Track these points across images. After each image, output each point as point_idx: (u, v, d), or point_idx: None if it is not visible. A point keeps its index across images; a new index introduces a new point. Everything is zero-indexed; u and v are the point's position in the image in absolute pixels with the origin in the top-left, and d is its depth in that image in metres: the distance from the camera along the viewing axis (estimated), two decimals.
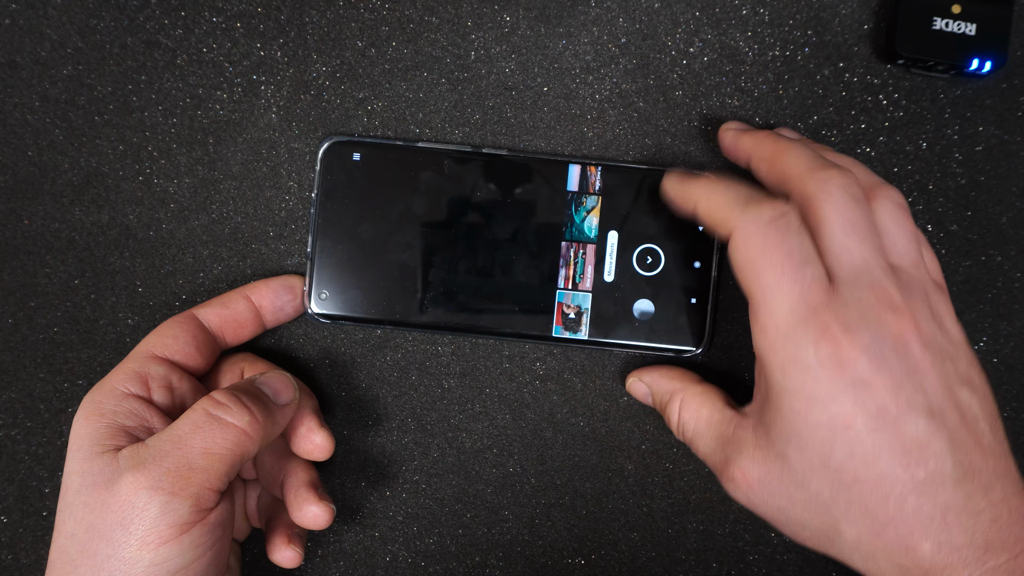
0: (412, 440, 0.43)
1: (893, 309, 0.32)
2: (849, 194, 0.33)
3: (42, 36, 0.41)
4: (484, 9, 0.42)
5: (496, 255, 0.41)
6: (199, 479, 0.33)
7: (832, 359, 0.31)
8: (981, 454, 0.32)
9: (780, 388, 0.32)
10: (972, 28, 0.40)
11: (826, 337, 0.31)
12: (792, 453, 0.32)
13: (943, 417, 0.31)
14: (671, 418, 0.39)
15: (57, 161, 0.42)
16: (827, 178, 0.33)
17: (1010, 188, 0.42)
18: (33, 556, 0.43)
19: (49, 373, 0.42)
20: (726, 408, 0.37)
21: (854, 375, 0.31)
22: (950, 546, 0.30)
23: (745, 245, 0.33)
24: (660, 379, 0.40)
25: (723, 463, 0.35)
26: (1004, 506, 0.31)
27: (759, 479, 0.33)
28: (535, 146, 0.42)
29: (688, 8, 0.41)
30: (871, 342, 0.31)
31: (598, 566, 0.43)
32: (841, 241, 0.33)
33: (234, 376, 0.39)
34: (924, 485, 0.31)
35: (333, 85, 0.42)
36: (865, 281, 0.32)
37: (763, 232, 0.33)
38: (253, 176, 0.42)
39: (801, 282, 0.32)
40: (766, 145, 0.37)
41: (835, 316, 0.32)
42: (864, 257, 0.33)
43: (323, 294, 0.41)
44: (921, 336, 0.32)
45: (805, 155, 0.35)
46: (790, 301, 0.32)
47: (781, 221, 0.33)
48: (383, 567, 0.43)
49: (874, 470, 0.31)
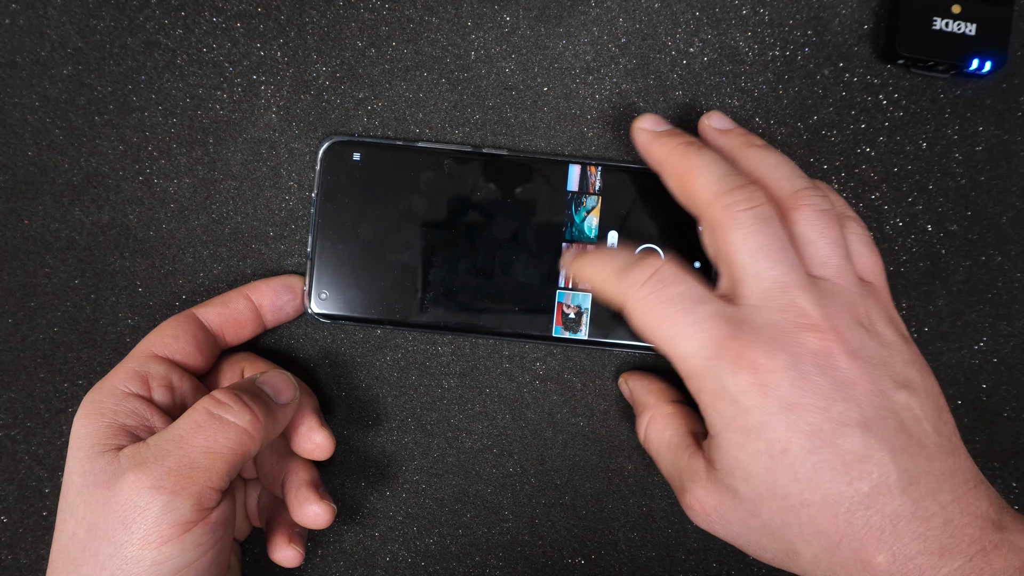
0: (412, 440, 0.43)
1: (811, 327, 0.32)
2: (755, 217, 0.33)
3: (42, 36, 0.41)
4: (484, 9, 0.42)
5: (496, 255, 0.41)
6: (201, 478, 0.33)
7: (755, 386, 0.31)
8: (926, 457, 0.31)
9: (716, 424, 0.33)
10: (972, 28, 0.40)
11: (741, 365, 0.32)
12: (739, 485, 0.33)
13: (880, 426, 0.31)
14: (639, 431, 0.40)
15: (57, 161, 0.42)
16: (733, 204, 0.33)
17: (1010, 188, 0.42)
18: (33, 556, 0.43)
19: (49, 373, 0.42)
20: (686, 435, 0.37)
21: (780, 398, 0.31)
22: (904, 556, 0.30)
23: (635, 312, 0.34)
24: (640, 390, 0.40)
25: (680, 489, 0.36)
26: (955, 507, 0.31)
27: (714, 508, 0.34)
28: (535, 146, 0.42)
29: (688, 8, 0.41)
30: (790, 363, 0.31)
31: (598, 566, 0.43)
32: (750, 268, 0.33)
33: (234, 375, 0.39)
34: (870, 498, 0.31)
35: (333, 85, 0.42)
36: (777, 304, 0.32)
37: (644, 293, 0.33)
38: (253, 176, 0.42)
39: (697, 322, 0.32)
40: (675, 159, 0.36)
41: (747, 344, 0.32)
42: (775, 279, 0.33)
43: (323, 294, 0.41)
44: (846, 347, 0.32)
45: (713, 176, 0.34)
46: (695, 342, 0.32)
47: (655, 278, 0.33)
48: (383, 567, 0.43)
49: (819, 491, 0.31)
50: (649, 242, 0.41)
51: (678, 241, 0.41)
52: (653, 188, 0.41)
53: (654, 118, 0.38)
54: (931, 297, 0.42)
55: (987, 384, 0.43)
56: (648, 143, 0.37)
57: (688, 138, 0.37)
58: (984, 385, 0.43)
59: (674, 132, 0.37)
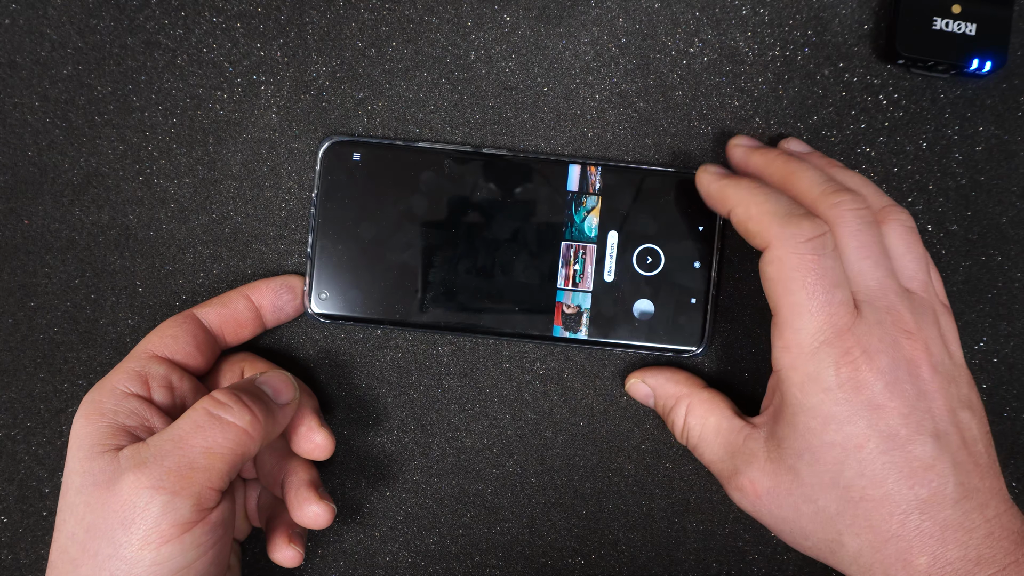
0: (412, 440, 0.43)
1: (907, 333, 0.33)
2: (861, 218, 0.34)
3: (42, 36, 0.41)
4: (484, 9, 0.42)
5: (496, 255, 0.41)
6: (200, 478, 0.33)
7: (851, 381, 0.32)
8: (979, 474, 0.33)
9: (797, 405, 0.33)
10: (972, 28, 0.40)
11: (847, 360, 0.32)
12: (804, 468, 0.33)
13: (947, 439, 0.33)
14: (675, 422, 0.39)
15: (57, 161, 0.42)
16: (840, 203, 0.34)
17: (1010, 188, 0.42)
18: (33, 556, 0.43)
19: (49, 373, 0.42)
20: (735, 417, 0.37)
21: (869, 398, 0.32)
22: (944, 560, 0.32)
23: (781, 261, 0.33)
24: (666, 383, 0.40)
25: (731, 472, 0.36)
26: (997, 522, 0.32)
27: (768, 490, 0.34)
28: (535, 146, 0.42)
29: (688, 8, 0.41)
30: (888, 366, 0.32)
31: (598, 566, 0.43)
32: (857, 265, 0.34)
33: (234, 376, 0.39)
34: (927, 504, 0.32)
35: (333, 85, 0.42)
36: (882, 305, 0.33)
37: (800, 251, 0.33)
38: (253, 176, 0.42)
39: (831, 304, 0.33)
40: (777, 165, 0.37)
41: (857, 339, 0.33)
42: (879, 280, 0.34)
43: (323, 294, 0.41)
44: (931, 360, 0.33)
45: (817, 178, 0.35)
46: (818, 322, 0.33)
47: (818, 241, 0.33)
48: (383, 567, 0.43)
49: (881, 489, 0.32)
50: (649, 242, 0.41)
51: (678, 241, 0.41)
52: (653, 188, 0.41)
53: (748, 137, 0.40)
54: None
55: (987, 384, 0.43)
56: (746, 154, 0.39)
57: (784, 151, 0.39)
58: (984, 385, 0.43)
59: (770, 147, 0.39)
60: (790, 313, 0.33)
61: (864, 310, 0.33)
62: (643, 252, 0.41)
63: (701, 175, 0.38)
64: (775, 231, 0.34)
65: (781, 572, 0.43)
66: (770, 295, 0.34)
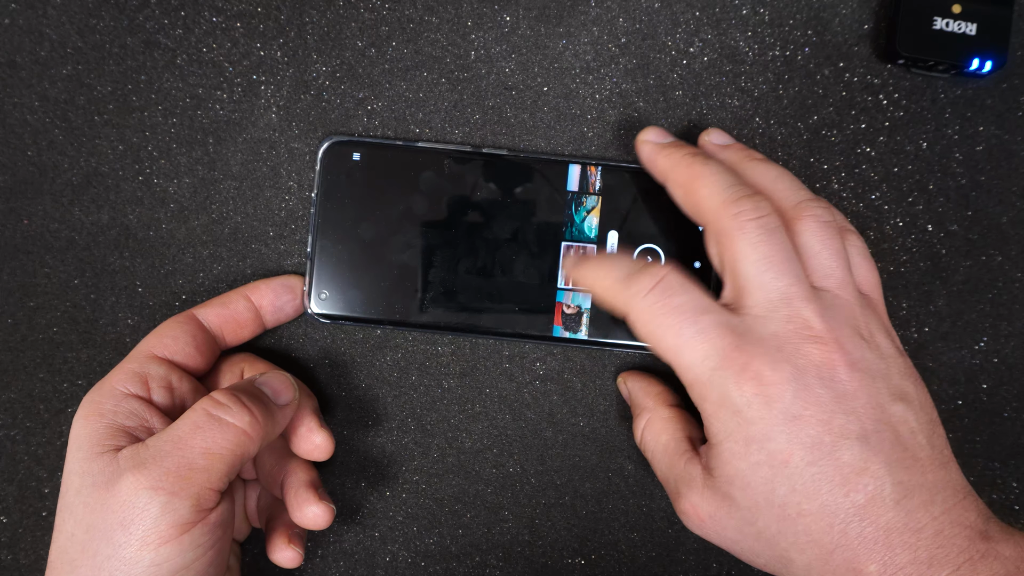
0: (412, 440, 0.43)
1: (814, 338, 0.32)
2: (762, 227, 0.33)
3: (42, 36, 0.41)
4: (484, 9, 0.41)
5: (496, 255, 0.41)
6: (200, 479, 0.33)
7: (758, 397, 0.32)
8: (920, 469, 0.32)
9: (717, 433, 0.33)
10: (972, 28, 0.40)
11: (746, 376, 0.32)
12: (736, 493, 0.33)
13: (878, 438, 0.32)
14: (635, 432, 0.40)
15: (57, 161, 0.42)
16: (739, 213, 0.34)
17: (1010, 188, 0.42)
18: (33, 556, 0.43)
19: (49, 373, 0.42)
20: (683, 440, 0.37)
21: (783, 410, 0.32)
22: (894, 565, 0.31)
23: (639, 321, 0.34)
24: (638, 392, 0.40)
25: (675, 494, 0.36)
26: (945, 519, 0.31)
27: (709, 515, 0.34)
28: (535, 146, 0.42)
29: (688, 8, 0.41)
30: (793, 374, 0.32)
31: (598, 566, 0.43)
32: (756, 278, 0.33)
33: (234, 376, 0.39)
34: (865, 509, 0.31)
35: (333, 85, 0.42)
36: (782, 314, 0.33)
37: (649, 303, 0.33)
38: (253, 176, 0.42)
39: (702, 332, 0.33)
40: (681, 170, 0.36)
41: (752, 354, 0.32)
42: (780, 290, 0.33)
43: (323, 294, 0.41)
44: (847, 359, 0.32)
45: (719, 185, 0.35)
46: (699, 352, 0.33)
47: (659, 287, 0.33)
48: (383, 567, 0.43)
49: (816, 501, 0.31)
50: (649, 242, 0.41)
51: (678, 241, 0.41)
52: (653, 188, 0.41)
53: (658, 130, 0.39)
54: (931, 297, 0.42)
55: (987, 384, 0.43)
56: (653, 155, 0.38)
57: (693, 149, 0.37)
58: (984, 385, 0.43)
59: (678, 144, 0.38)
60: (674, 357, 0.33)
61: (759, 323, 0.33)
62: (643, 252, 0.41)
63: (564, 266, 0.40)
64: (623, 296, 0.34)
65: None
66: (656, 354, 0.34)
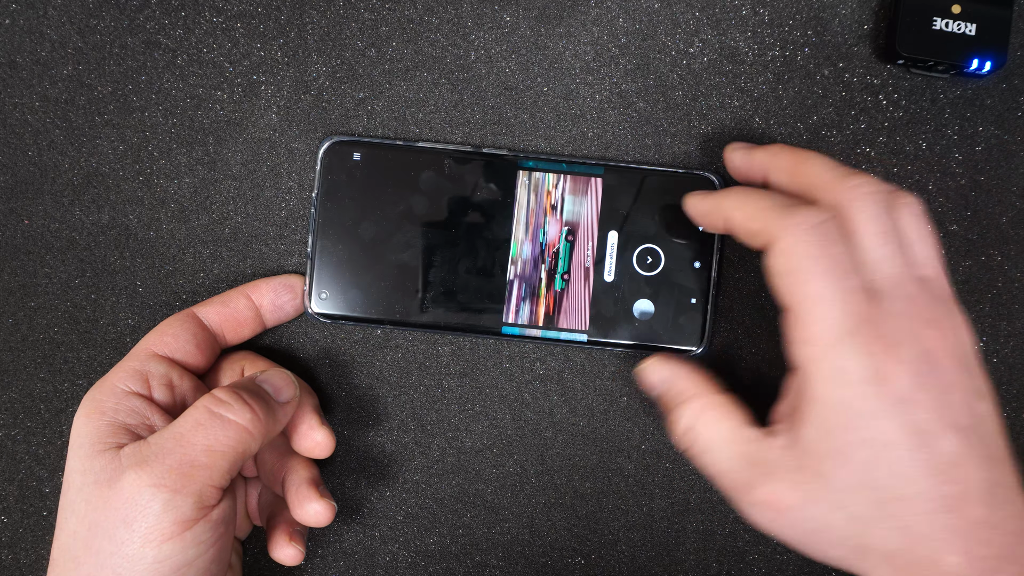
0: (412, 440, 0.43)
1: (927, 323, 0.32)
2: (879, 203, 0.33)
3: (42, 36, 0.41)
4: (484, 9, 0.42)
5: (496, 255, 0.41)
6: (201, 476, 0.33)
7: (877, 374, 0.31)
8: (1000, 468, 0.32)
9: (822, 402, 0.31)
10: (972, 28, 0.40)
11: (872, 351, 0.31)
12: (832, 471, 0.31)
13: (970, 433, 0.31)
14: (677, 422, 0.36)
15: (57, 161, 0.42)
16: (857, 185, 0.33)
17: (1010, 188, 0.42)
18: (33, 556, 0.43)
19: (49, 373, 0.42)
20: (749, 426, 0.34)
21: (897, 391, 0.31)
22: (974, 557, 0.30)
23: (788, 253, 0.32)
24: (678, 379, 0.37)
25: (746, 486, 0.33)
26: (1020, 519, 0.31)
27: (791, 504, 0.32)
28: (535, 146, 0.42)
29: (688, 8, 0.42)
30: (912, 357, 0.31)
31: (598, 566, 0.43)
32: (878, 252, 0.32)
33: (234, 374, 0.39)
34: (955, 501, 0.31)
35: (333, 85, 0.42)
36: (902, 294, 0.32)
37: (807, 239, 0.32)
38: (253, 176, 0.42)
39: (847, 292, 0.31)
40: (784, 156, 0.36)
41: (879, 330, 0.31)
42: (899, 268, 0.32)
43: (323, 294, 0.41)
44: (949, 350, 0.32)
45: (829, 163, 0.34)
46: (838, 311, 0.31)
47: (825, 227, 0.32)
48: (383, 567, 0.43)
49: (914, 488, 0.31)
50: (649, 242, 0.41)
51: (678, 241, 0.41)
52: (653, 188, 0.41)
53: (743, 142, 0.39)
54: None
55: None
56: (748, 154, 0.38)
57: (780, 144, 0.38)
58: None
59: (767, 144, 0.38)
60: (807, 304, 0.31)
61: (884, 299, 0.32)
62: (643, 252, 0.41)
63: (689, 199, 0.38)
64: (779, 223, 0.32)
65: (781, 572, 0.43)
66: (781, 290, 0.32)
